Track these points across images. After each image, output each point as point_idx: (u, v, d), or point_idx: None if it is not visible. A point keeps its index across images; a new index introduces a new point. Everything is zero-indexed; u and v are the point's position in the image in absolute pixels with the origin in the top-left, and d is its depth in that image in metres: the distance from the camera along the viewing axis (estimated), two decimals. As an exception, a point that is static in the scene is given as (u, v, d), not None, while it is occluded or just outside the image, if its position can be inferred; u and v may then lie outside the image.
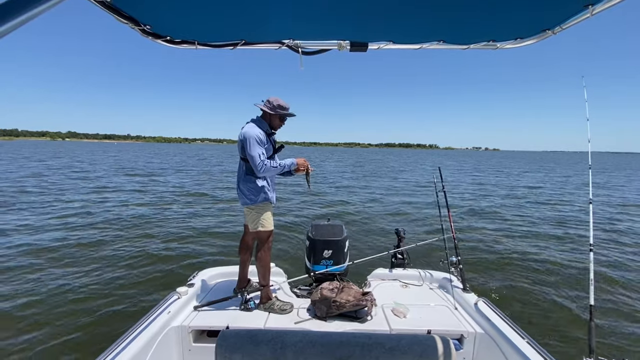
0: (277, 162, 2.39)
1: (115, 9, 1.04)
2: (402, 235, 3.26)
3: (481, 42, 1.37)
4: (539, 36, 1.28)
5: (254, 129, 2.31)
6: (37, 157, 31.79)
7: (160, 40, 1.30)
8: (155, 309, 2.14)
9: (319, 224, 2.97)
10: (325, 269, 2.74)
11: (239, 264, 2.65)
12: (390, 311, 2.36)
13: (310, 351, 1.13)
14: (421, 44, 1.38)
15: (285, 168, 2.39)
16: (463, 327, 2.17)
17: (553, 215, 9.22)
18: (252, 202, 2.38)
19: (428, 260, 4.86)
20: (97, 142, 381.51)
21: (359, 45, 1.40)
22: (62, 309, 3.56)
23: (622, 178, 23.20)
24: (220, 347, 1.15)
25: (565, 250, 6.06)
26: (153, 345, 1.88)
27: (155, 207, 9.23)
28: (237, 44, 1.37)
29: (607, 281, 4.60)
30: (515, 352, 1.80)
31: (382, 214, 9.12)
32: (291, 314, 2.37)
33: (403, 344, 1.15)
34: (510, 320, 2.06)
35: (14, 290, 3.88)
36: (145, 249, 5.54)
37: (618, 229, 7.69)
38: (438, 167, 3.45)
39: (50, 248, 5.40)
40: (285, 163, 2.39)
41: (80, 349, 2.92)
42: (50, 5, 0.43)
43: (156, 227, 6.98)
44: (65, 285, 4.08)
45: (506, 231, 7.34)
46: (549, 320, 3.60)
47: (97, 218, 7.62)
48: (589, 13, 1.03)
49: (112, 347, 1.70)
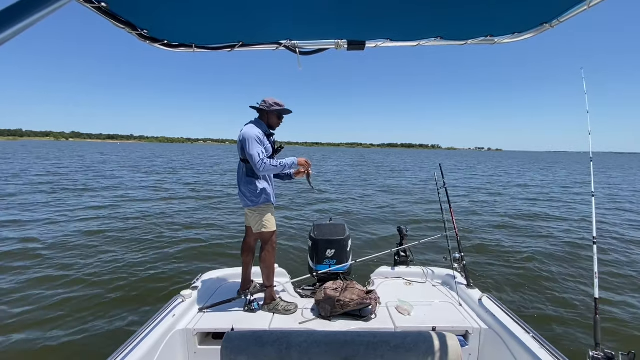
0: (278, 161, 2.36)
1: (112, 14, 1.04)
2: (404, 233, 3.26)
3: (479, 37, 1.36)
4: (536, 30, 1.27)
5: (253, 129, 2.32)
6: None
7: (157, 44, 1.31)
8: (160, 313, 2.14)
9: (321, 223, 2.98)
10: (329, 268, 2.74)
11: (242, 266, 2.66)
12: (394, 309, 2.36)
13: (316, 351, 1.13)
14: (419, 41, 1.38)
15: (286, 167, 2.35)
16: (468, 323, 2.17)
17: (556, 209, 9.20)
18: (254, 204, 2.38)
19: (431, 258, 4.85)
20: (101, 142, 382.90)
21: (357, 44, 1.40)
22: (65, 311, 3.57)
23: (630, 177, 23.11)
24: (226, 349, 1.16)
25: (569, 243, 6.05)
26: (159, 349, 1.89)
27: (158, 208, 9.24)
28: (235, 46, 1.37)
29: (611, 274, 4.59)
30: (520, 347, 1.79)
31: (384, 212, 9.12)
32: (295, 315, 2.37)
33: (408, 341, 1.15)
34: (515, 315, 2.06)
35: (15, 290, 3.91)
36: (147, 252, 5.54)
37: (621, 222, 7.66)
38: (439, 164, 3.45)
39: (50, 245, 5.42)
40: (286, 162, 2.36)
41: (85, 353, 2.93)
42: (48, 12, 0.44)
43: (158, 230, 6.99)
44: (68, 287, 4.10)
45: (509, 226, 7.33)
46: (554, 314, 3.59)
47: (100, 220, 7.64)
48: (586, 5, 1.03)
49: (118, 351, 1.70)
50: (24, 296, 3.92)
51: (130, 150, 66.93)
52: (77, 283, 4.31)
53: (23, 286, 4.18)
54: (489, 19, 1.23)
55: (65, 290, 4.10)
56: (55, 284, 4.26)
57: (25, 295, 3.94)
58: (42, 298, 3.87)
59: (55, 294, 3.99)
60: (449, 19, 1.22)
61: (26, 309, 3.63)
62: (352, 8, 1.12)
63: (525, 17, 1.21)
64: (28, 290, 4.08)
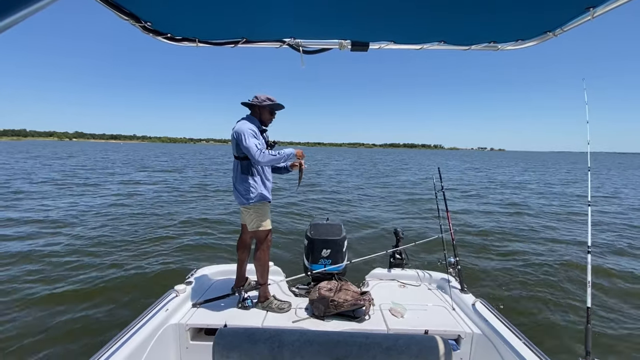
0: (277, 150, 2.33)
1: (116, 5, 1.03)
2: (400, 235, 3.26)
3: (482, 43, 1.37)
4: (539, 38, 1.28)
5: (246, 124, 2.30)
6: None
7: (160, 37, 1.30)
8: (153, 307, 2.14)
9: (317, 223, 2.97)
10: (324, 268, 2.74)
11: (237, 263, 2.65)
12: (388, 311, 2.36)
13: (308, 350, 1.13)
14: (422, 45, 1.38)
15: (285, 157, 2.32)
16: (460, 327, 2.17)
17: (552, 217, 9.24)
18: (249, 202, 2.37)
19: (426, 261, 4.86)
20: (104, 142, 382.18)
21: (360, 45, 1.40)
22: (57, 304, 3.55)
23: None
24: (218, 345, 1.15)
25: (563, 252, 6.08)
26: (150, 343, 1.88)
27: (153, 205, 9.22)
28: (238, 42, 1.36)
29: (604, 283, 4.62)
30: (512, 353, 1.80)
31: (381, 213, 9.13)
32: (289, 313, 2.37)
33: (400, 343, 1.15)
34: (507, 321, 2.07)
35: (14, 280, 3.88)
36: (142, 246, 5.53)
37: (616, 230, 7.71)
38: (437, 168, 3.46)
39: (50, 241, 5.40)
40: (284, 152, 2.33)
41: (77, 346, 2.92)
42: (48, 1, 0.43)
43: (154, 225, 6.97)
44: (61, 279, 4.08)
45: (504, 232, 7.35)
46: (546, 322, 3.61)
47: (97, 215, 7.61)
48: (590, 15, 1.03)
49: (110, 344, 1.69)
50: (14, 288, 3.90)
51: (134, 150, 66.79)
52: (71, 275, 4.29)
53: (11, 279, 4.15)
54: (493, 26, 1.24)
55: (55, 279, 4.09)
56: (48, 278, 4.24)
57: (15, 288, 3.92)
58: (34, 291, 3.85)
59: (47, 287, 3.97)
60: (453, 24, 1.22)
61: (17, 302, 3.61)
62: (356, 9, 1.12)
63: (529, 25, 1.21)
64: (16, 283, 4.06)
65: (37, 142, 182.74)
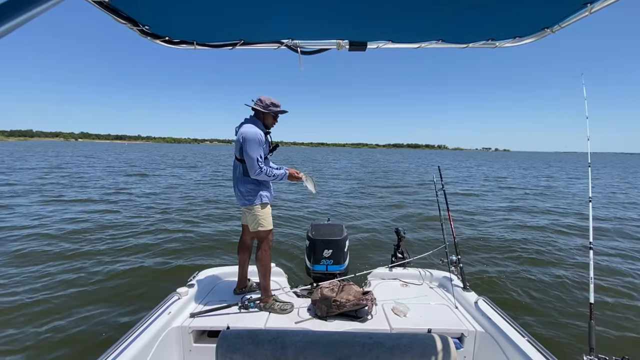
0: (272, 171, 2.38)
1: (114, 9, 1.04)
2: (402, 234, 3.26)
3: (480, 40, 1.37)
4: (537, 35, 1.28)
5: (254, 129, 2.30)
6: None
7: (158, 40, 1.30)
8: (156, 310, 2.14)
9: (319, 223, 2.98)
10: (325, 268, 2.74)
11: (238, 264, 2.65)
12: (390, 310, 2.36)
13: (311, 351, 1.13)
14: (420, 43, 1.38)
15: (277, 178, 2.41)
16: (463, 325, 2.17)
17: (554, 214, 9.23)
18: (251, 203, 2.38)
19: (428, 259, 4.86)
20: (109, 142, 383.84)
21: (358, 45, 1.40)
22: (60, 306, 3.56)
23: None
24: (221, 347, 1.15)
25: (566, 248, 6.07)
26: (153, 346, 1.88)
27: (153, 208, 9.22)
28: (236, 44, 1.36)
29: (607, 279, 4.61)
30: (515, 351, 1.80)
31: (382, 213, 9.13)
32: (291, 314, 2.37)
33: (403, 342, 1.15)
34: (510, 318, 2.06)
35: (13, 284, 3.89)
36: (144, 249, 5.53)
37: (619, 226, 7.70)
38: (437, 167, 3.46)
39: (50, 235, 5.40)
40: (277, 174, 2.40)
41: (79, 349, 2.92)
42: (48, 6, 0.43)
43: (155, 227, 6.97)
44: (64, 282, 4.08)
45: (507, 230, 7.34)
46: (549, 319, 3.60)
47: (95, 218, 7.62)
48: (587, 11, 1.03)
49: (112, 348, 1.70)
50: (15, 290, 3.90)
51: (138, 150, 66.81)
52: (73, 277, 4.30)
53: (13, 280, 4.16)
54: (490, 23, 1.24)
55: (60, 285, 4.09)
56: (50, 279, 4.24)
57: (18, 290, 3.92)
58: (35, 292, 3.85)
59: (49, 288, 3.97)
60: (451, 22, 1.22)
61: (18, 304, 3.61)
62: (353, 9, 1.12)
63: (527, 22, 1.21)
64: (22, 285, 4.06)
65: (45, 142, 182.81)
